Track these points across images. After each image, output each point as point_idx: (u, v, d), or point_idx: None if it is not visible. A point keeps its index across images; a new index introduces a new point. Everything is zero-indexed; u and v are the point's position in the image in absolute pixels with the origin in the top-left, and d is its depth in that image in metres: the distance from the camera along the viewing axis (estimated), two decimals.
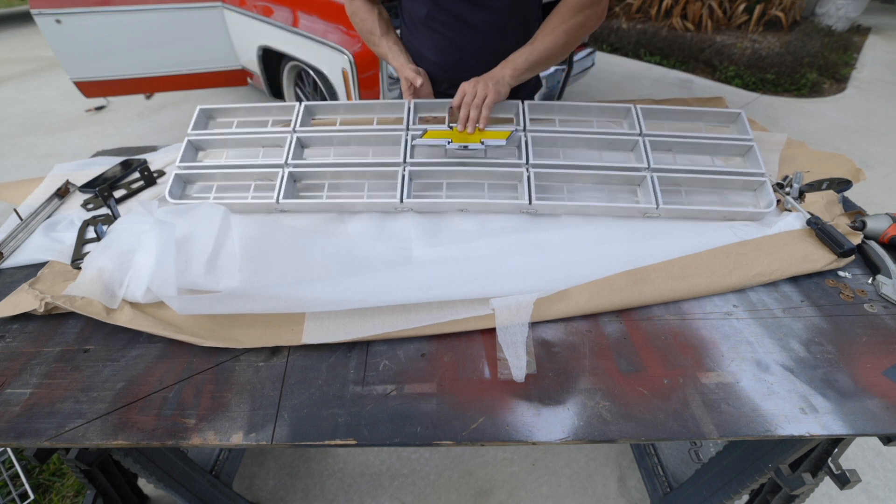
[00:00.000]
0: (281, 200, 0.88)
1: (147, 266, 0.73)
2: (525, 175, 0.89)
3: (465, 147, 0.88)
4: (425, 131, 0.92)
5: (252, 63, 2.81)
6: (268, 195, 0.90)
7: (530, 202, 0.86)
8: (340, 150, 1.00)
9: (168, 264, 0.71)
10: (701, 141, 0.96)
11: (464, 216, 0.90)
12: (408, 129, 0.94)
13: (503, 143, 0.89)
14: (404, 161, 0.91)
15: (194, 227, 0.79)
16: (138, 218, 0.85)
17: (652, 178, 0.88)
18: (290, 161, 0.93)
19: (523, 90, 1.14)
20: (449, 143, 0.88)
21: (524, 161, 0.90)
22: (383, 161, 0.92)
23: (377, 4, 1.06)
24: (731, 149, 0.97)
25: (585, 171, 0.91)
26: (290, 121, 0.99)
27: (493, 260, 0.77)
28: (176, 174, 0.93)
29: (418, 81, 0.99)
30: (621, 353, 0.66)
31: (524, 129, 0.94)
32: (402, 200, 0.87)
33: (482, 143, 0.88)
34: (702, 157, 0.98)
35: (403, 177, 0.89)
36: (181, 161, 0.96)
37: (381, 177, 0.93)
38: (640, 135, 0.94)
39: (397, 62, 1.03)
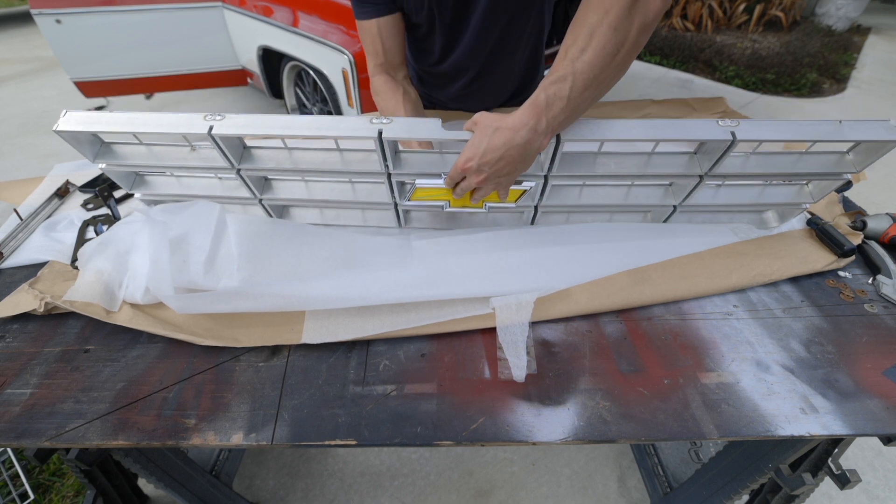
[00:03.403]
0: (282, 216, 0.88)
1: (143, 266, 0.72)
2: (532, 212, 0.82)
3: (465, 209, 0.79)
4: (414, 186, 0.75)
5: (252, 63, 2.81)
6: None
7: (533, 222, 0.86)
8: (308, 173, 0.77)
9: (163, 263, 0.70)
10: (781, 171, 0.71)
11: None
12: (388, 172, 0.72)
13: (512, 206, 0.78)
14: (395, 204, 0.80)
15: (190, 225, 0.79)
16: (136, 219, 0.85)
17: (674, 211, 0.81)
18: (262, 197, 0.80)
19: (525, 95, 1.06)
20: (447, 206, 0.78)
21: (534, 202, 0.79)
22: (372, 201, 0.80)
23: (402, 83, 0.93)
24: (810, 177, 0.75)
25: (603, 210, 0.81)
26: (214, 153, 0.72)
27: (494, 255, 0.77)
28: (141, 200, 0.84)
29: None
30: (621, 353, 0.66)
31: (547, 174, 0.71)
32: (400, 226, 0.87)
33: (486, 207, 0.78)
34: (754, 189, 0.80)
35: (398, 214, 0.83)
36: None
37: (373, 208, 0.85)
38: (700, 175, 0.71)
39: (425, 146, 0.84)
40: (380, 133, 0.64)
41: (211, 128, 0.65)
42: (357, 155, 0.74)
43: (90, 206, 0.96)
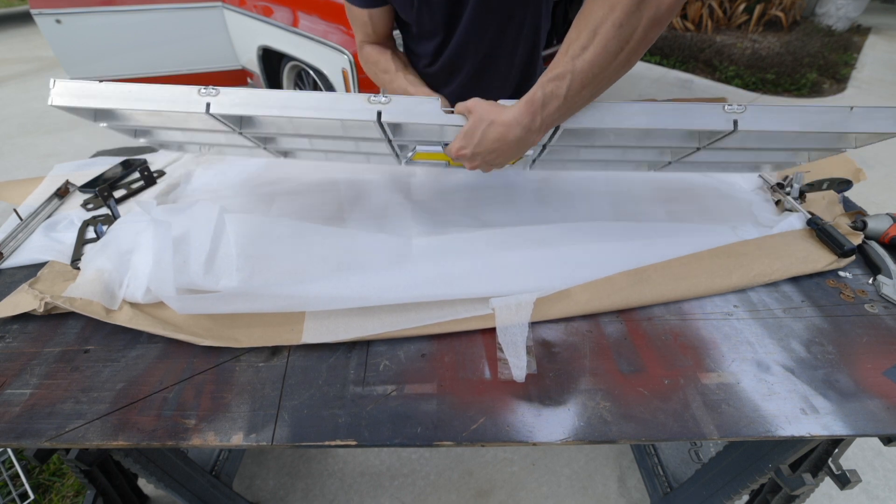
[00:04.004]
0: (287, 156, 0.90)
1: (145, 266, 0.72)
2: (529, 163, 0.84)
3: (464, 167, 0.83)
4: (415, 150, 0.80)
5: (252, 63, 2.81)
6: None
7: (531, 166, 0.87)
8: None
9: (166, 263, 0.70)
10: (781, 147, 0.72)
11: (463, 213, 0.89)
12: (389, 139, 0.73)
13: (510, 166, 0.80)
14: (396, 154, 0.82)
15: (190, 225, 0.79)
16: (136, 218, 0.85)
17: (669, 164, 0.83)
18: (266, 147, 0.83)
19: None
20: (446, 165, 0.82)
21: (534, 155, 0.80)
22: (376, 151, 0.82)
23: (390, 48, 0.95)
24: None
25: (599, 163, 0.85)
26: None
27: (494, 255, 0.77)
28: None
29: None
30: (621, 354, 0.66)
31: (546, 143, 0.73)
32: (400, 164, 0.86)
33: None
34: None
35: (398, 157, 0.85)
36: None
37: (375, 153, 0.86)
38: (697, 148, 0.72)
39: (420, 92, 0.85)
40: (378, 114, 0.65)
41: (208, 105, 0.64)
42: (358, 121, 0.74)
43: (90, 206, 0.96)
